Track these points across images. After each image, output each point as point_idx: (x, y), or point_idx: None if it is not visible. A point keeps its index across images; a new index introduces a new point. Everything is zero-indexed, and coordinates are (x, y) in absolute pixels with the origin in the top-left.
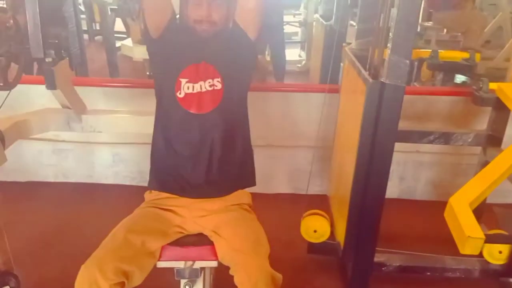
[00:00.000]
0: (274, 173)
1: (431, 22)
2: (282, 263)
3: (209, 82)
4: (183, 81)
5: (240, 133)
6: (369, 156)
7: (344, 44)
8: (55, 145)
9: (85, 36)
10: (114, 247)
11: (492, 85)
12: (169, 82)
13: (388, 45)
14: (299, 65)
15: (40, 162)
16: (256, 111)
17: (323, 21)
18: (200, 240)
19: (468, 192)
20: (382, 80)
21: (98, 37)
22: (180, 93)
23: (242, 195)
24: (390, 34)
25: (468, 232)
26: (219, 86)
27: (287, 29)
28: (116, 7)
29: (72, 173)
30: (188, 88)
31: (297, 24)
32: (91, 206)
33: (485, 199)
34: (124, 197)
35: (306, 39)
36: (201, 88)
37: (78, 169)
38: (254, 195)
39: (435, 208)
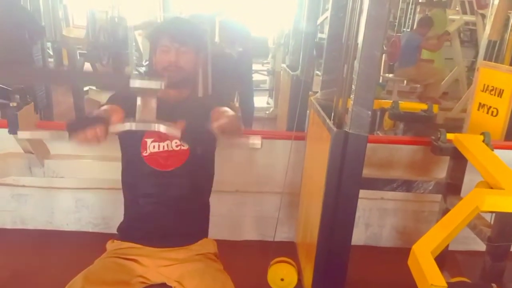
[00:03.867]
0: (241, 220)
1: (391, 74)
2: None
3: (176, 142)
4: (149, 141)
5: (204, 189)
6: (335, 202)
7: (310, 93)
8: (14, 190)
9: None
10: None
11: (450, 136)
12: (135, 143)
13: (351, 96)
14: (267, 112)
15: None
16: (224, 156)
17: (290, 71)
18: None
19: (429, 240)
20: (346, 130)
21: None
22: (145, 152)
23: (207, 244)
24: (353, 86)
25: (430, 280)
26: (185, 146)
27: (256, 77)
28: (85, 52)
29: (31, 220)
30: (154, 147)
31: (265, 72)
32: (50, 255)
33: (447, 246)
34: (86, 245)
35: (274, 87)
36: (167, 147)
37: (37, 215)
38: (220, 242)
39: (400, 255)
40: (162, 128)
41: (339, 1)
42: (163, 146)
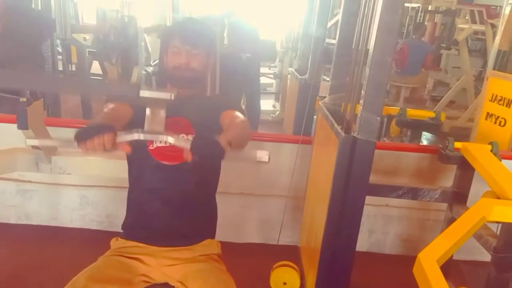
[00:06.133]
0: (245, 222)
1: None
2: None
3: (183, 137)
4: None
5: (211, 185)
6: (341, 208)
7: (318, 98)
8: (19, 185)
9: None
10: None
11: (458, 144)
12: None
13: (360, 101)
14: (273, 115)
15: (2, 203)
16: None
17: (298, 75)
18: None
19: (436, 248)
20: (354, 135)
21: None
22: (152, 146)
23: (211, 245)
24: (362, 91)
25: None
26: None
27: (262, 80)
28: (94, 50)
29: (36, 215)
30: (160, 142)
31: (272, 75)
32: (53, 251)
33: (452, 256)
34: (90, 242)
35: (281, 90)
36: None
37: (42, 211)
38: (223, 244)
39: (403, 263)
40: (170, 139)
41: (351, 6)
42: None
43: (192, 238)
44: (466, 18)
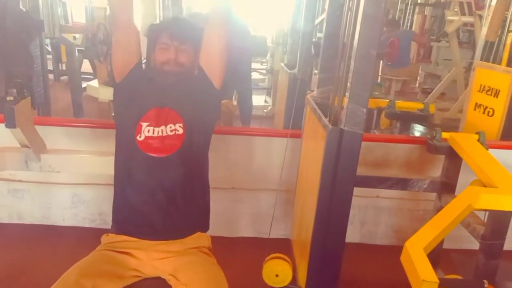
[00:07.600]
0: (237, 217)
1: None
2: None
3: (171, 127)
4: (144, 124)
5: (199, 177)
6: (329, 200)
7: (308, 92)
8: (10, 185)
9: (51, 76)
10: None
11: (445, 135)
12: (130, 126)
13: (346, 94)
14: (265, 110)
15: None
16: (221, 154)
17: (287, 70)
18: (158, 284)
19: (422, 236)
20: (341, 127)
21: (63, 77)
22: (140, 137)
23: (202, 238)
24: (348, 83)
25: (423, 276)
26: (180, 131)
27: (255, 76)
28: (83, 48)
29: (27, 214)
30: (148, 131)
31: (264, 71)
32: (46, 250)
33: (441, 245)
34: (82, 240)
35: (272, 85)
36: (162, 132)
37: (34, 210)
38: (216, 239)
39: (394, 253)
40: None
41: (336, 0)
42: (158, 131)
43: (183, 232)
44: (456, 10)
